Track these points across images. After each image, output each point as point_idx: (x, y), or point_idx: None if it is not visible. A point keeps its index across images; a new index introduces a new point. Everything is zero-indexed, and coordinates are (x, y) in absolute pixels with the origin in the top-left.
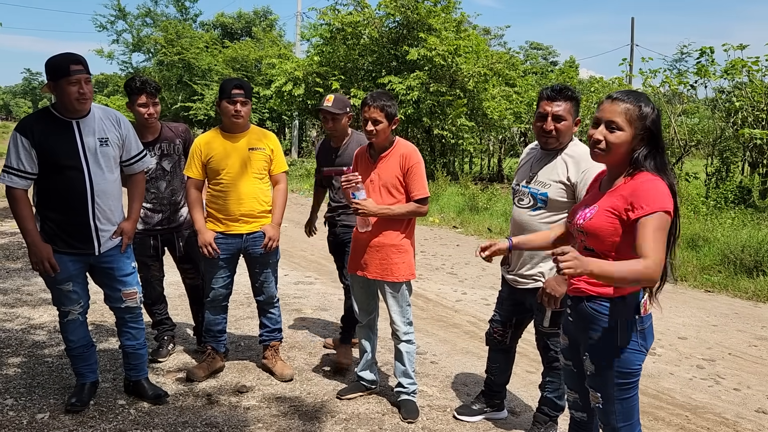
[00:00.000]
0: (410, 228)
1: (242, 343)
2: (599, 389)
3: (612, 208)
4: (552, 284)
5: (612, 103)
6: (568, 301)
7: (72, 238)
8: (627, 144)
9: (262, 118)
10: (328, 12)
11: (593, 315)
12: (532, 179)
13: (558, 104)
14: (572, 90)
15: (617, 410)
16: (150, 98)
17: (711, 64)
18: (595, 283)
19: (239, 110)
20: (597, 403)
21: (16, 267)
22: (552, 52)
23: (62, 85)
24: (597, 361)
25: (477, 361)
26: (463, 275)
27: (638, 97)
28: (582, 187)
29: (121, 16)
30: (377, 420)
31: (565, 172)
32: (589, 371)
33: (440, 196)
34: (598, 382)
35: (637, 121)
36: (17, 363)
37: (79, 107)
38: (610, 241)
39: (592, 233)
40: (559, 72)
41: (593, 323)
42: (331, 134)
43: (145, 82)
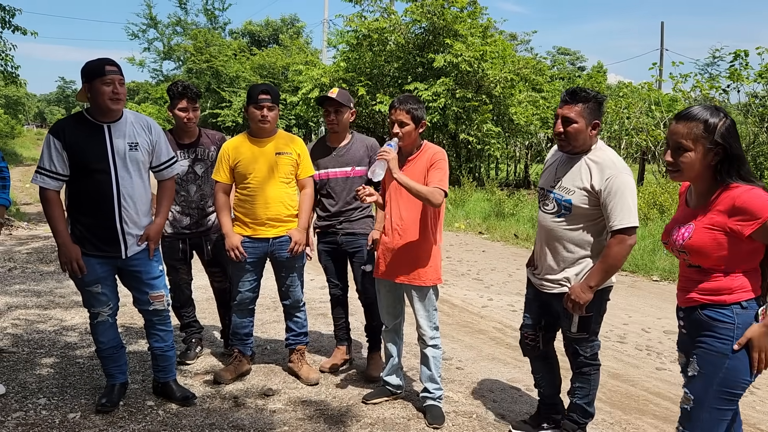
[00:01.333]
0: (438, 232)
1: (269, 347)
2: (696, 393)
3: (711, 224)
4: (577, 291)
5: (677, 124)
6: (680, 313)
7: (99, 241)
8: (699, 162)
9: (288, 124)
10: (354, 19)
11: (708, 322)
12: (556, 184)
13: (570, 107)
14: (588, 92)
15: (704, 419)
16: (190, 103)
17: (744, 68)
18: (707, 292)
19: (266, 115)
20: (686, 405)
21: (49, 270)
22: (580, 57)
23: (97, 85)
24: (703, 365)
25: (503, 368)
26: (489, 281)
27: (703, 112)
28: (606, 195)
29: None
30: (402, 425)
31: (588, 179)
32: (690, 372)
33: (466, 201)
34: (698, 386)
35: (704, 137)
36: (50, 363)
37: (113, 106)
38: (717, 255)
39: (696, 251)
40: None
41: (708, 329)
42: (331, 129)
43: (186, 87)
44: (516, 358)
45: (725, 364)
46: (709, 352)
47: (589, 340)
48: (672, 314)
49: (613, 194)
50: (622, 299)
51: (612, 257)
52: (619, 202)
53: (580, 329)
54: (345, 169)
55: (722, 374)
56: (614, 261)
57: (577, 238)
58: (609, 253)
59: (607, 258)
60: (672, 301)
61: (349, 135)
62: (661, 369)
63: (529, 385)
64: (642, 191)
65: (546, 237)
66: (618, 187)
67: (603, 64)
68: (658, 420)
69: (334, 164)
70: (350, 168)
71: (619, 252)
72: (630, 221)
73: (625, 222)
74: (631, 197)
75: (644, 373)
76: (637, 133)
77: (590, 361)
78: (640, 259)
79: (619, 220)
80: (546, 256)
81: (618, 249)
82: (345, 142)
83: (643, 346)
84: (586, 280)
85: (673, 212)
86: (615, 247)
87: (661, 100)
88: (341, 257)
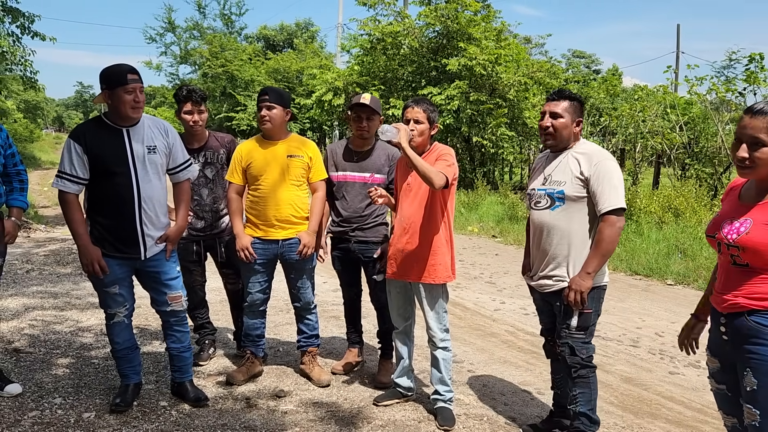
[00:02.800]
0: (448, 230)
1: (281, 349)
2: (759, 406)
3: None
4: (577, 281)
5: (752, 118)
6: (721, 319)
7: (119, 242)
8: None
9: (303, 128)
10: (368, 23)
11: (758, 329)
12: (546, 181)
13: (556, 103)
14: (571, 92)
15: None
16: (195, 106)
17: (761, 71)
18: (756, 297)
19: (264, 115)
20: (753, 420)
21: (66, 272)
22: (595, 60)
23: (119, 93)
24: (761, 377)
25: (515, 371)
26: (502, 284)
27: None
28: (594, 180)
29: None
30: (413, 427)
31: (578, 168)
32: (749, 387)
33: (480, 205)
34: (760, 398)
35: None
36: (66, 364)
37: (133, 114)
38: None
39: (752, 248)
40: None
41: (758, 337)
42: (359, 136)
43: (191, 91)
44: (528, 361)
45: None
46: (766, 363)
47: (587, 340)
48: (685, 318)
49: (601, 178)
50: (635, 303)
51: (605, 241)
52: (607, 185)
53: (579, 326)
54: (364, 175)
55: None
56: (608, 244)
57: (571, 230)
58: (602, 237)
59: (601, 242)
60: (685, 306)
61: (374, 141)
62: (674, 373)
63: (540, 388)
64: (657, 195)
65: (540, 234)
66: (604, 172)
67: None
68: (670, 424)
69: (353, 168)
70: (369, 174)
71: (610, 234)
72: (618, 203)
73: (614, 203)
74: (617, 180)
75: (657, 377)
76: (652, 136)
77: (587, 363)
78: (654, 263)
79: (609, 202)
80: (541, 255)
81: (609, 231)
82: (368, 148)
83: (656, 350)
84: (584, 267)
85: (688, 215)
86: (606, 230)
87: (676, 103)
88: (354, 263)
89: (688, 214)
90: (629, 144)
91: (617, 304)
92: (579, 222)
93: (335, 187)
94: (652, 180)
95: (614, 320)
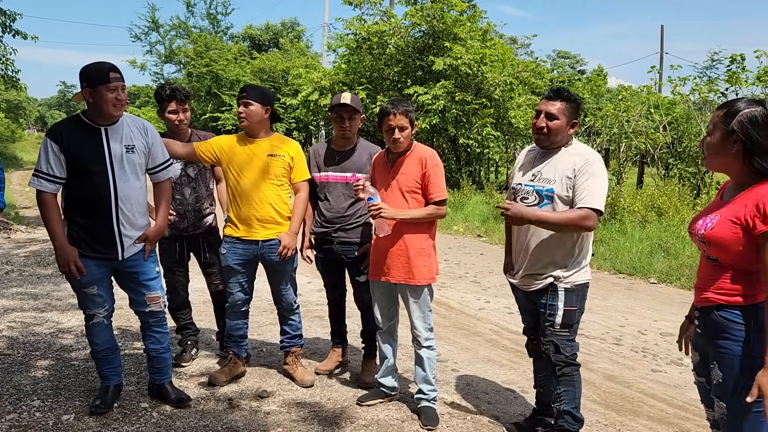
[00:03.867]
0: (432, 232)
1: (264, 349)
2: (726, 400)
3: (735, 217)
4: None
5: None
6: (696, 313)
7: (96, 243)
8: (718, 148)
9: (289, 128)
10: (354, 22)
11: (724, 324)
12: (535, 177)
13: (553, 103)
14: (570, 92)
15: (742, 424)
16: (179, 105)
17: (742, 71)
18: (724, 292)
19: (241, 111)
20: (722, 413)
21: (46, 273)
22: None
23: (101, 91)
24: (726, 370)
25: (498, 370)
26: (487, 284)
27: (734, 102)
28: (580, 175)
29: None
30: (397, 426)
31: (572, 168)
32: (716, 380)
33: (465, 204)
34: (726, 392)
35: (722, 123)
36: (45, 366)
37: (115, 113)
38: (735, 250)
39: (715, 242)
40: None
41: (724, 332)
42: (342, 135)
43: (175, 90)
44: (511, 360)
45: (749, 367)
46: (729, 357)
47: (571, 338)
48: (668, 316)
49: (587, 176)
50: (619, 301)
51: (565, 219)
52: (591, 183)
53: (564, 324)
54: (346, 175)
55: (748, 377)
56: (564, 222)
57: None
58: (567, 215)
59: (561, 216)
60: (668, 304)
61: (355, 141)
62: (656, 371)
63: (523, 387)
64: (641, 194)
65: (525, 232)
66: (593, 172)
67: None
68: (652, 421)
69: (335, 169)
70: (351, 174)
71: (572, 220)
72: (594, 203)
73: (591, 202)
74: (602, 182)
75: (639, 375)
76: (636, 136)
77: (571, 361)
78: (637, 261)
79: (588, 200)
80: (525, 253)
81: (574, 217)
82: (349, 147)
83: (639, 348)
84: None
85: (671, 214)
86: (572, 214)
87: (660, 104)
88: (338, 264)
89: (671, 213)
90: (614, 144)
91: (601, 303)
92: None
93: (318, 187)
94: (636, 179)
95: (597, 318)
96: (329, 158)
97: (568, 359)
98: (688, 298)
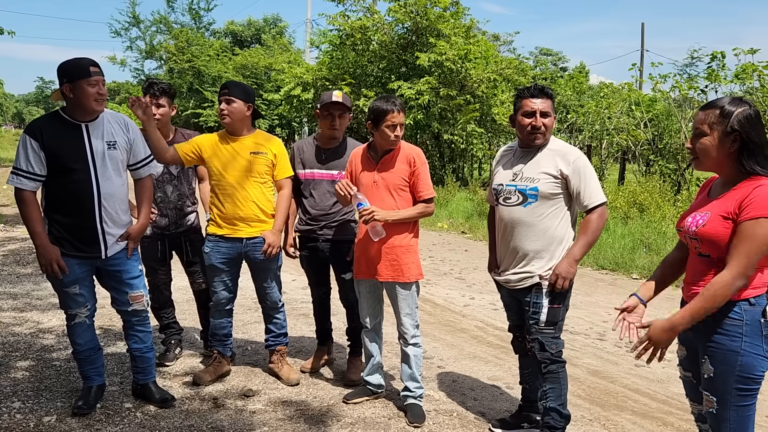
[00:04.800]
0: (416, 229)
1: (249, 348)
2: (715, 394)
3: (726, 213)
4: (564, 267)
5: (699, 112)
6: None
7: (79, 241)
8: (715, 148)
9: (271, 124)
10: (337, 18)
11: (716, 318)
12: (516, 176)
13: (544, 101)
14: (550, 88)
15: (731, 417)
16: (153, 99)
17: (722, 69)
18: None
19: (223, 109)
20: (711, 408)
21: (26, 272)
22: (562, 57)
23: (81, 86)
24: (717, 364)
25: (484, 366)
26: (471, 280)
27: (724, 101)
28: (575, 177)
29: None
30: (383, 424)
31: (554, 166)
32: (706, 375)
33: (449, 201)
34: (716, 386)
35: (719, 123)
36: (25, 366)
37: (97, 108)
38: (727, 246)
39: (707, 239)
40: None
41: (715, 326)
42: (331, 134)
43: (152, 84)
44: (497, 356)
45: (738, 361)
46: (721, 352)
47: (556, 335)
48: (651, 312)
49: (582, 176)
50: (602, 297)
51: (594, 230)
52: (589, 182)
53: (548, 321)
54: (332, 173)
55: (738, 372)
56: (595, 233)
57: (543, 225)
58: (590, 226)
59: (589, 231)
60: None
61: (341, 139)
62: (639, 366)
63: (509, 383)
64: (622, 191)
65: (511, 230)
66: (584, 169)
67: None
68: (636, 416)
69: (321, 166)
70: (337, 172)
71: (599, 225)
72: (602, 197)
73: (598, 199)
74: (595, 175)
75: (623, 370)
76: (617, 132)
77: (557, 358)
78: (620, 257)
79: (594, 198)
80: (511, 251)
81: (598, 222)
82: (335, 145)
83: (622, 343)
84: (571, 255)
85: (653, 210)
86: (596, 221)
87: (641, 101)
88: (323, 262)
89: (653, 209)
90: (595, 141)
91: (584, 299)
92: (552, 218)
93: (303, 185)
94: (617, 176)
95: (581, 314)
96: (316, 156)
97: (554, 356)
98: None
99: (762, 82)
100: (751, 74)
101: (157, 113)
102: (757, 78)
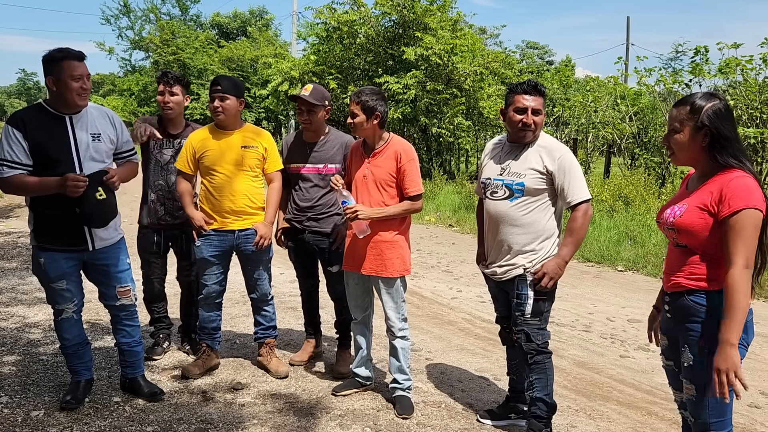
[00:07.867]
0: (405, 224)
1: (238, 341)
2: (694, 381)
3: (702, 204)
4: (553, 267)
5: (674, 108)
6: (665, 298)
7: (65, 235)
8: (688, 143)
9: (258, 118)
10: (324, 11)
11: (694, 308)
12: (504, 171)
13: (536, 99)
14: (543, 86)
15: (710, 404)
16: (167, 87)
17: (705, 63)
18: (695, 277)
19: (217, 106)
20: (690, 395)
21: (11, 266)
22: (548, 51)
23: (65, 79)
24: (696, 353)
25: (472, 358)
26: (459, 273)
27: (694, 97)
28: (560, 174)
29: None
30: (372, 416)
31: (540, 162)
32: (686, 363)
33: (436, 194)
34: (695, 374)
35: (690, 118)
36: (12, 361)
37: (80, 102)
38: (703, 237)
39: (684, 230)
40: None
41: (694, 316)
42: (305, 128)
43: (165, 73)
44: (484, 348)
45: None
46: (700, 341)
47: (541, 327)
48: (635, 303)
49: (566, 172)
50: (587, 289)
51: (579, 229)
52: (574, 178)
53: (534, 313)
54: (317, 166)
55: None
56: (580, 232)
57: (528, 220)
58: (575, 225)
59: (574, 230)
60: (635, 291)
61: (326, 131)
62: (624, 357)
63: (497, 374)
64: (608, 184)
65: (497, 224)
66: (569, 166)
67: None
68: (621, 406)
69: (306, 159)
70: (322, 165)
71: (584, 223)
72: (586, 194)
73: (583, 195)
74: (580, 172)
75: (609, 361)
76: (603, 126)
77: (542, 349)
78: (605, 250)
79: (578, 195)
80: (497, 244)
81: (583, 220)
82: (320, 138)
83: (607, 334)
84: (561, 255)
85: (638, 203)
86: (580, 219)
87: (626, 94)
88: (310, 255)
89: (638, 202)
90: (581, 134)
91: (570, 291)
92: (537, 213)
93: (291, 177)
94: (603, 169)
95: (567, 306)
96: (301, 150)
97: (540, 347)
98: (654, 285)
99: (745, 76)
100: (734, 68)
101: (171, 101)
102: (741, 72)
